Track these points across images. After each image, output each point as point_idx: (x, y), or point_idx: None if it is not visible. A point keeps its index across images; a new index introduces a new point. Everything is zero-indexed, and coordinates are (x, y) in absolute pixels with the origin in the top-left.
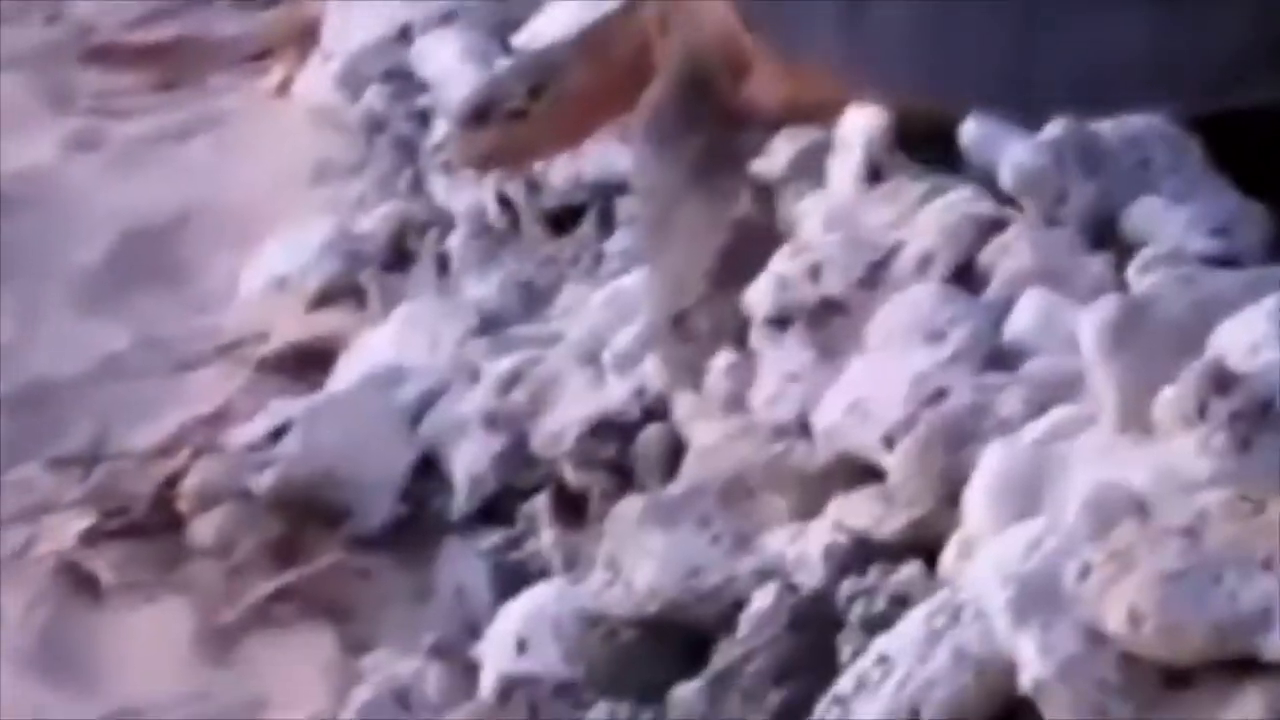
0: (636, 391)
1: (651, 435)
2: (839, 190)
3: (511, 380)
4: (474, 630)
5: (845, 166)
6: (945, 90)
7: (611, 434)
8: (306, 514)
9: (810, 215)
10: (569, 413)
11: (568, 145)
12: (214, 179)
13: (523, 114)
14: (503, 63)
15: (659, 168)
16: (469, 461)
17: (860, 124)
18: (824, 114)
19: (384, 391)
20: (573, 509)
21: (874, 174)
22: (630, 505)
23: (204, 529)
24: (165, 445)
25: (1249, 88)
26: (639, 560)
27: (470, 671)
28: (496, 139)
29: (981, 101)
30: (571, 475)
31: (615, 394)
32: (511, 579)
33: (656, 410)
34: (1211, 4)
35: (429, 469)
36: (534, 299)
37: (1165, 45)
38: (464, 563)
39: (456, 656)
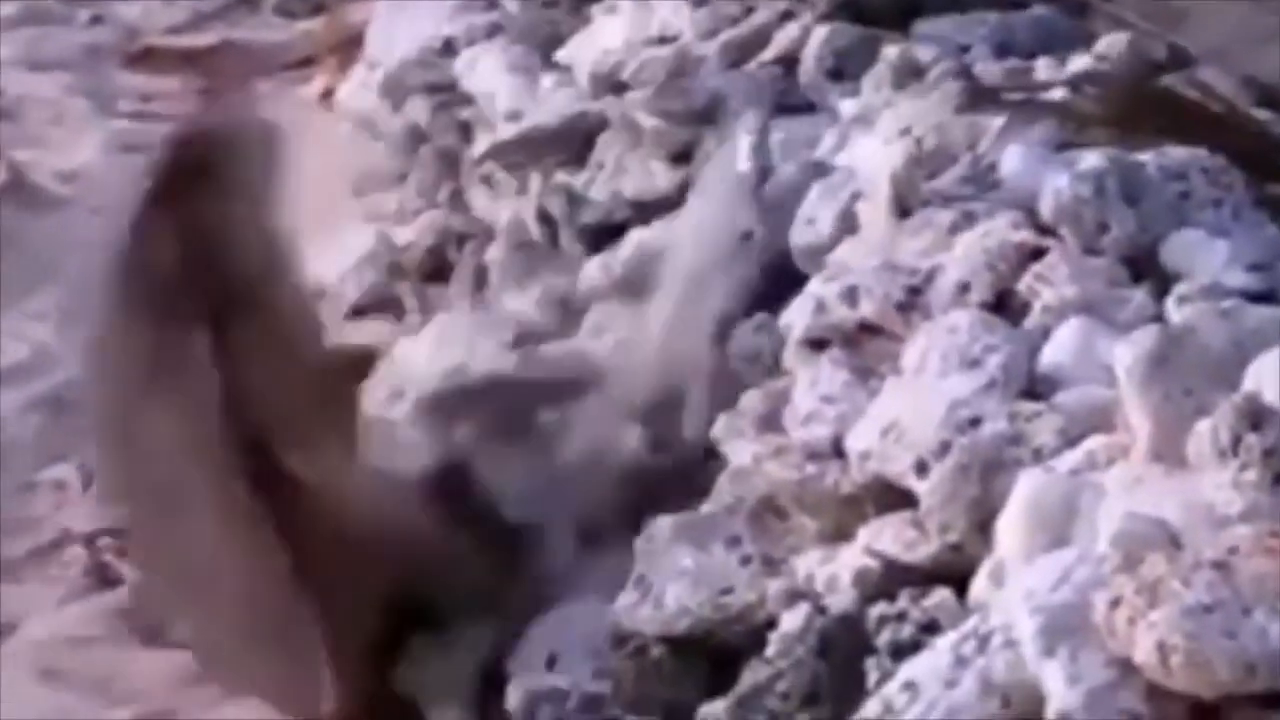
0: None
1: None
2: (872, 220)
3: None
4: None
5: (875, 199)
6: None
7: None
8: None
9: None
10: None
11: None
12: None
13: None
14: (547, 77)
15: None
16: None
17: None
18: None
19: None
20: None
21: (902, 208)
22: (662, 524)
23: None
24: None
25: None
26: (669, 578)
27: None
28: None
29: None
30: None
31: None
32: None
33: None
34: None
35: None
36: (570, 315)
37: None
38: None
39: None
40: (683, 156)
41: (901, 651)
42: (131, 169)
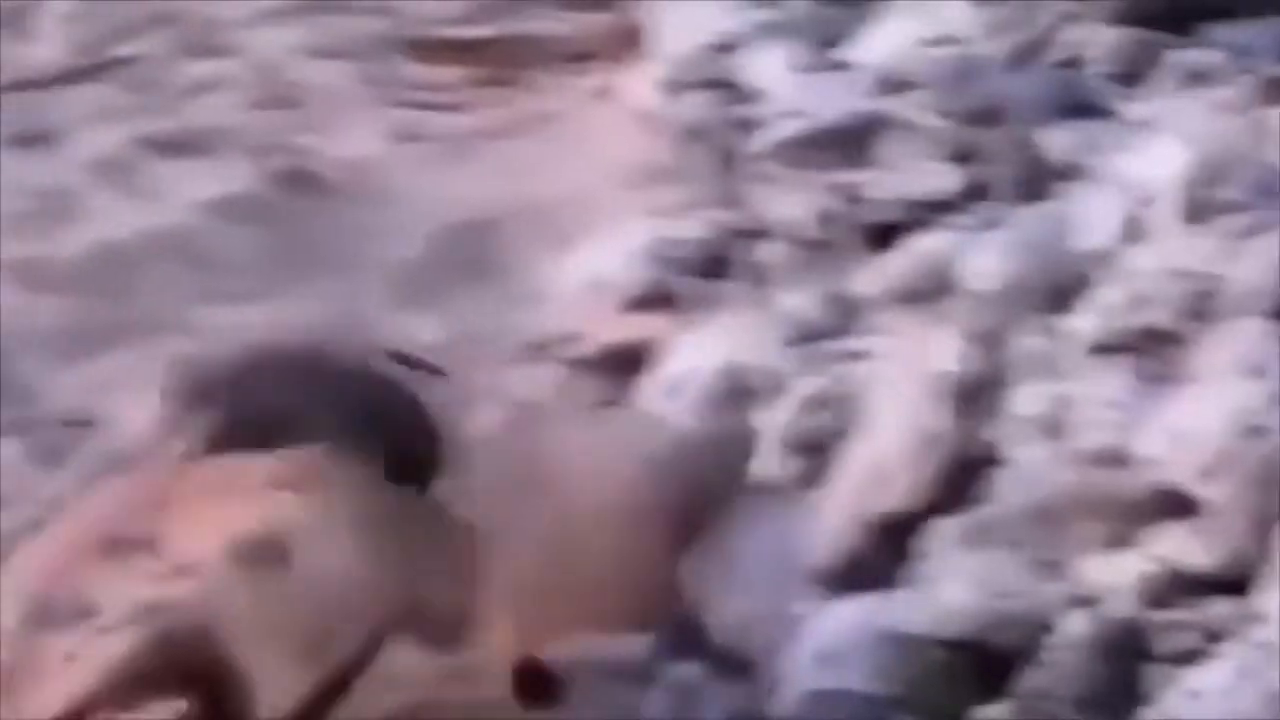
0: None
1: None
2: (1160, 226)
3: (818, 400)
4: None
5: (1162, 205)
6: None
7: None
8: None
9: None
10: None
11: None
12: (535, 177)
13: None
14: (828, 75)
15: None
16: None
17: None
18: None
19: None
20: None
21: (1191, 214)
22: (945, 525)
23: None
24: None
25: None
26: (949, 579)
27: None
28: None
29: None
30: None
31: None
32: None
33: None
34: None
35: None
36: (848, 314)
37: None
38: None
39: None
40: (964, 157)
41: (1183, 660)
42: (410, 158)
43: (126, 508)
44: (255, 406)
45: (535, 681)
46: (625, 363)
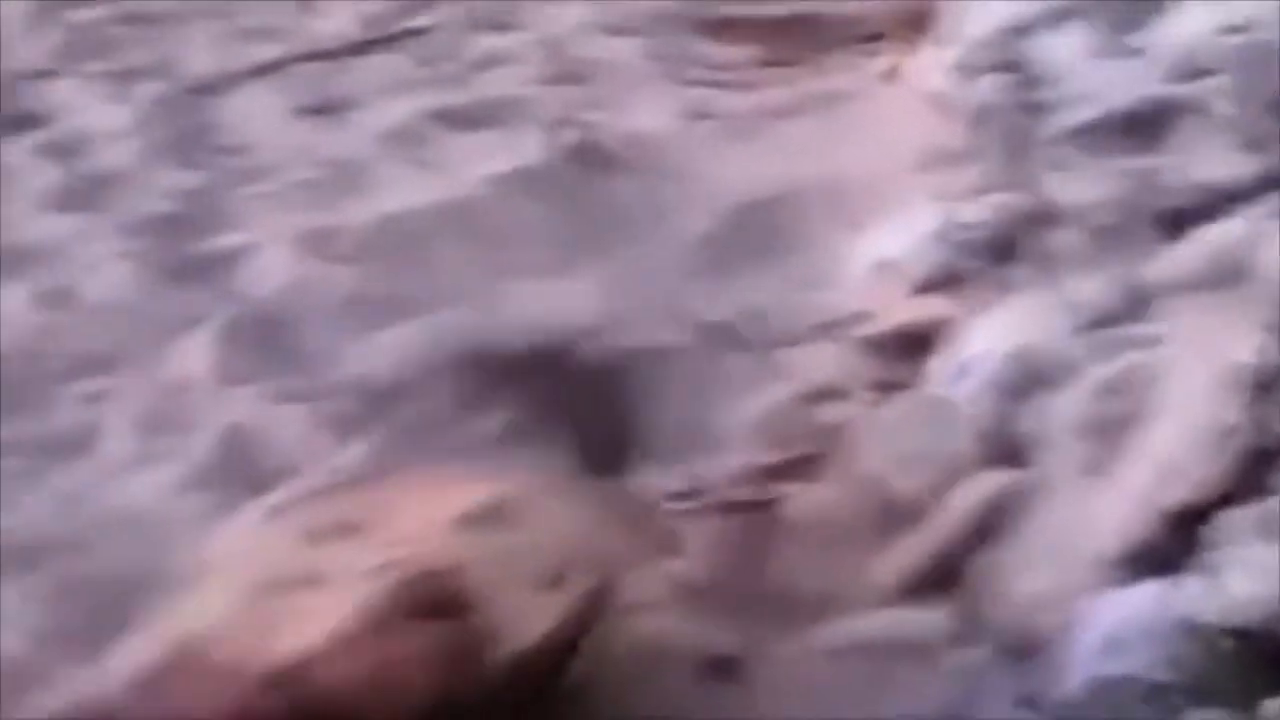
0: None
1: None
2: None
3: (1111, 385)
4: None
5: None
6: None
7: None
8: None
9: None
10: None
11: None
12: (824, 157)
13: None
14: (1123, 60)
15: None
16: None
17: None
18: None
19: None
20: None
21: None
22: (1237, 515)
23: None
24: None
25: None
26: (1239, 569)
27: None
28: None
29: None
30: None
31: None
32: None
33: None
34: None
35: None
36: (1142, 300)
37: None
38: None
39: None
40: (1259, 145)
41: None
42: (699, 135)
43: (349, 500)
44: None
45: None
46: (914, 344)
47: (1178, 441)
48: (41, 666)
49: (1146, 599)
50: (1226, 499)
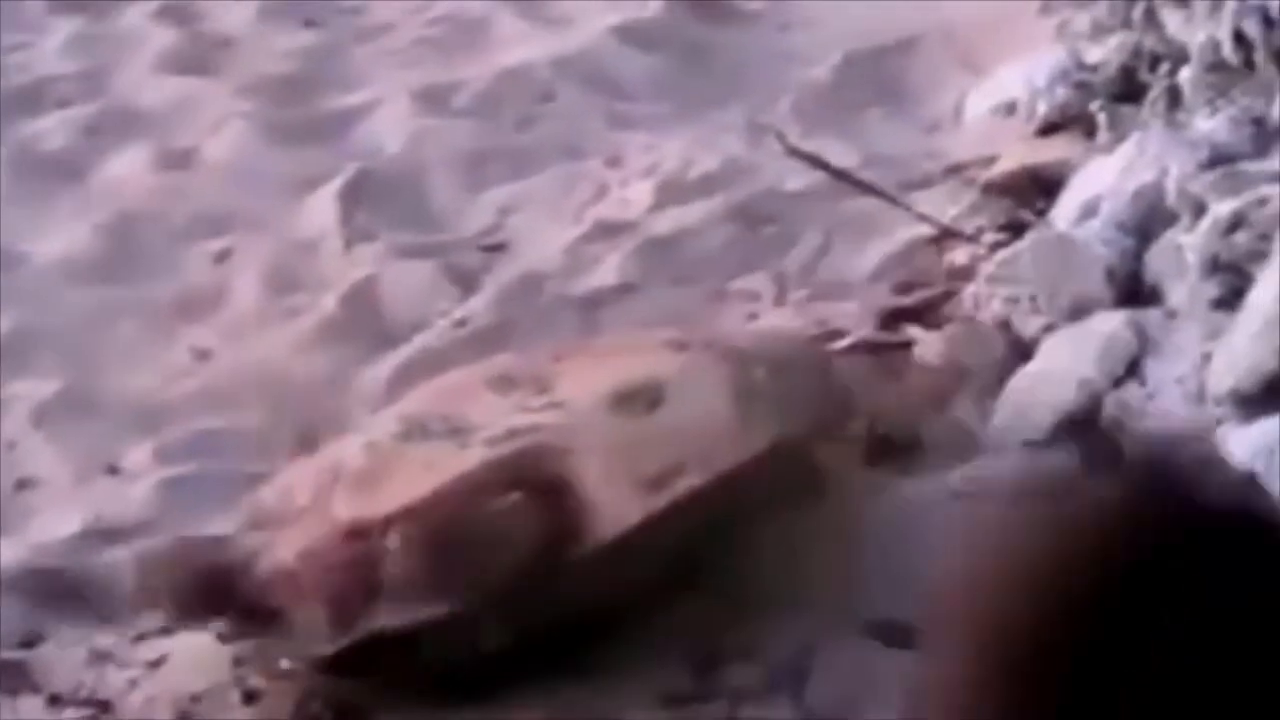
0: None
1: None
2: None
3: (1236, 221)
4: None
5: None
6: None
7: None
8: None
9: None
10: None
11: None
12: (941, 3)
13: None
14: None
15: None
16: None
17: None
18: None
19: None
20: None
21: None
22: None
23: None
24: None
25: None
26: None
27: None
28: None
29: None
30: None
31: None
32: None
33: None
34: None
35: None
36: (1266, 137)
37: None
38: None
39: None
40: None
41: None
42: None
43: (530, 356)
44: None
45: None
46: (1038, 185)
47: None
48: (172, 520)
49: (1275, 431)
50: None
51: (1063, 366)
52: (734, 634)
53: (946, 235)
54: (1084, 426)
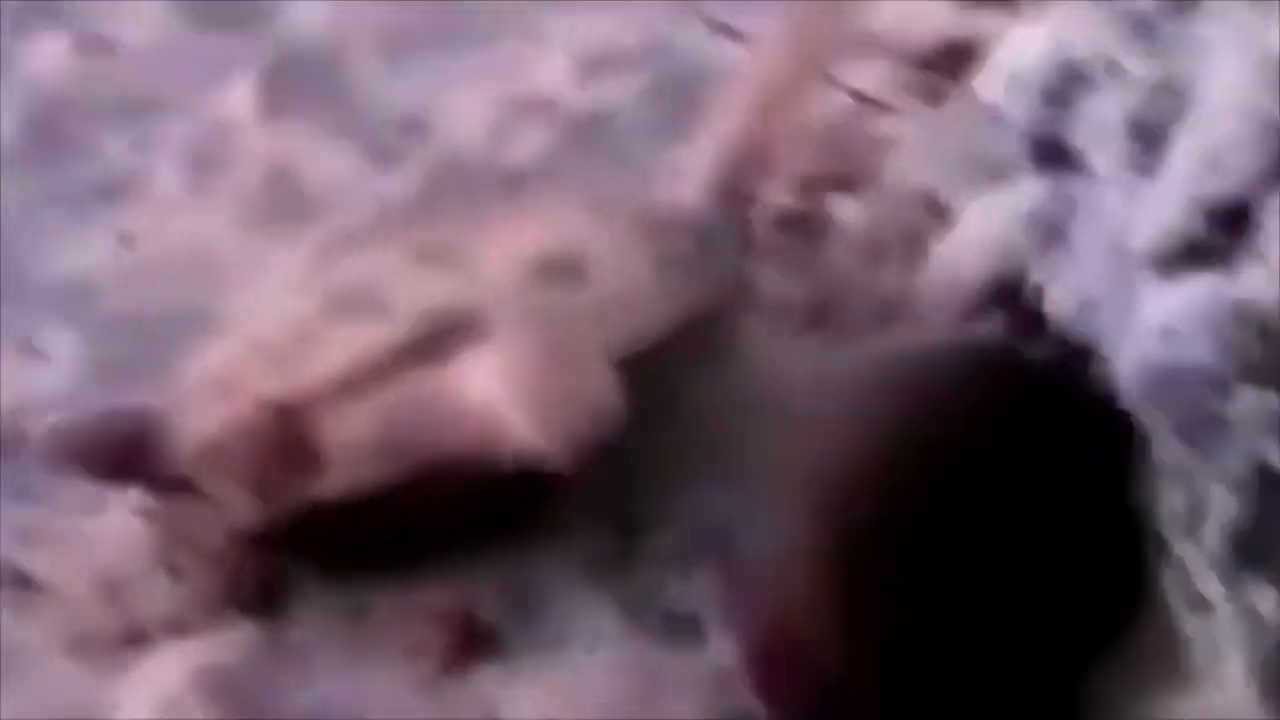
0: None
1: None
2: None
3: (1156, 85)
4: None
5: None
6: None
7: None
8: None
9: None
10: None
11: None
12: None
13: None
14: None
15: None
16: None
17: None
18: None
19: None
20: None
21: None
22: None
23: None
24: None
25: None
26: None
27: None
28: None
29: None
30: None
31: None
32: None
33: None
34: None
35: None
36: (1185, 2)
37: None
38: None
39: None
40: None
41: None
42: None
43: (451, 231)
44: None
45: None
46: (959, 54)
47: (1219, 134)
48: (95, 400)
49: (1199, 289)
50: (1270, 184)
51: (985, 234)
52: (657, 501)
53: (868, 105)
54: (1007, 293)
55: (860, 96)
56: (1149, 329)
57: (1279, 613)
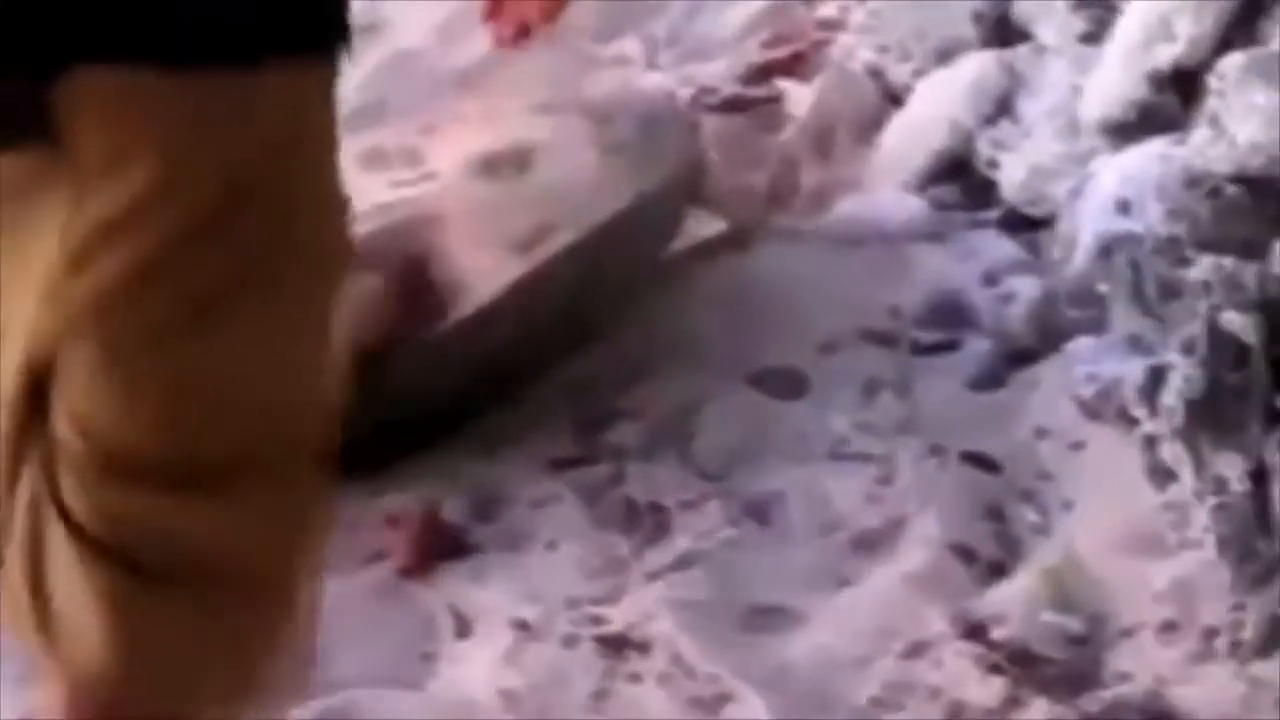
0: None
1: None
2: None
3: None
4: None
5: None
6: None
7: None
8: None
9: None
10: None
11: None
12: None
13: None
14: None
15: None
16: None
17: None
18: None
19: None
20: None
21: None
22: (1233, 60)
23: None
24: None
25: None
26: (1243, 117)
27: None
28: None
29: None
30: None
31: None
32: None
33: None
34: None
35: None
36: None
37: None
38: None
39: None
40: None
41: None
42: None
43: (400, 130)
44: None
45: None
46: None
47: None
48: None
49: (1151, 156)
50: (1220, 50)
51: (934, 110)
52: (617, 394)
53: None
54: (958, 166)
55: None
56: (1101, 198)
57: (1246, 480)
